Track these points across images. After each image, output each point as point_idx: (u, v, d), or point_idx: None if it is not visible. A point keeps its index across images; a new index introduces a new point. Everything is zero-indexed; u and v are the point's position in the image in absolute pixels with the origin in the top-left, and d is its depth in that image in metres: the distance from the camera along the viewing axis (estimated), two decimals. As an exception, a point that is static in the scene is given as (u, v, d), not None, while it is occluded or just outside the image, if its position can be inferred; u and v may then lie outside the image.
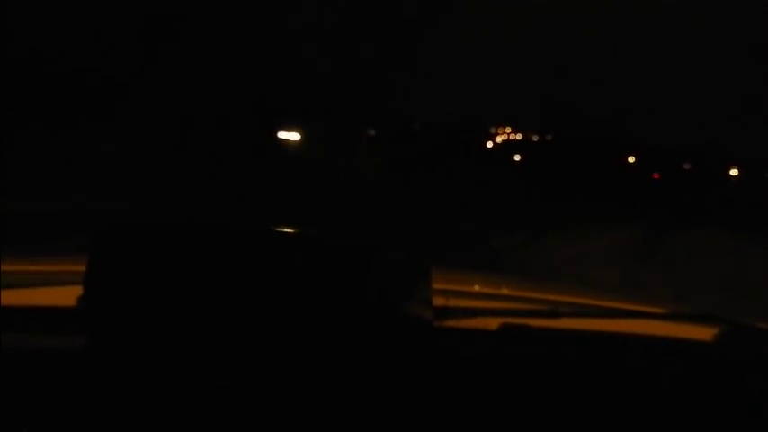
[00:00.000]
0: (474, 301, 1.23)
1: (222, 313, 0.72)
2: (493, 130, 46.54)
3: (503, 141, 47.06)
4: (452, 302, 1.04)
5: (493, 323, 1.03)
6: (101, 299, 0.74)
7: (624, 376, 1.00)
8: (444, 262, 0.87)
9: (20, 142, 12.31)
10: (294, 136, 23.98)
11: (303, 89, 23.81)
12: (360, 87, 28.42)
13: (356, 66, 28.98)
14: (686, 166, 44.74)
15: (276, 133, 23.38)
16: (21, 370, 0.84)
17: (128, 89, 17.53)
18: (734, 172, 42.11)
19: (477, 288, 1.46)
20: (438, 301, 0.94)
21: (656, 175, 39.71)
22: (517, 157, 39.56)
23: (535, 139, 48.66)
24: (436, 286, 0.85)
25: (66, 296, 1.02)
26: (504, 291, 1.49)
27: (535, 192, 18.66)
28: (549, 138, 48.24)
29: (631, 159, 44.61)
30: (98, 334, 0.75)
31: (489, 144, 44.81)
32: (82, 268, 0.76)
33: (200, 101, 19.02)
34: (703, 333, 1.17)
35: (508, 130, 47.83)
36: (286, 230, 0.75)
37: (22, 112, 13.91)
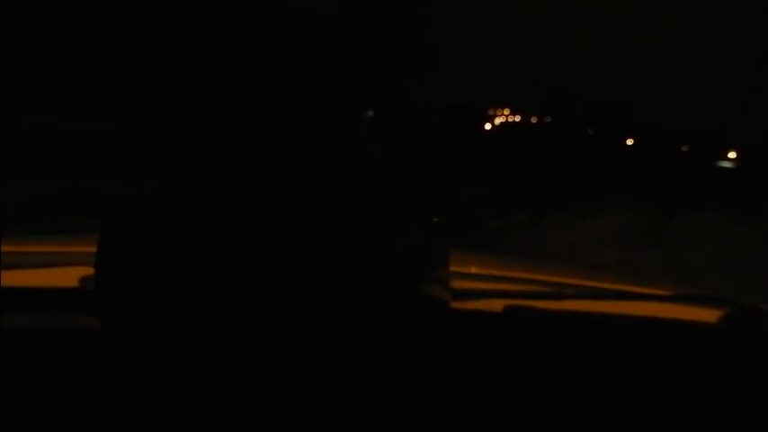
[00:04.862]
0: (478, 282, 1.22)
1: (239, 294, 0.70)
2: (491, 112, 46.39)
3: (501, 123, 46.95)
4: (457, 284, 1.03)
5: (498, 305, 1.03)
6: (114, 279, 0.72)
7: (630, 358, 1.00)
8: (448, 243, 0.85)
9: (19, 125, 12.28)
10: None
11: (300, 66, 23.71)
12: (358, 67, 28.34)
13: (355, 45, 28.88)
14: (684, 149, 44.80)
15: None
16: (21, 350, 0.83)
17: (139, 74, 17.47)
18: (732, 155, 42.14)
19: (481, 270, 1.45)
20: None
21: (629, 141, 40.34)
22: (516, 139, 39.54)
23: (534, 120, 48.56)
24: None
25: (66, 277, 1.01)
26: (509, 272, 1.48)
27: (534, 173, 18.65)
28: (547, 120, 48.16)
29: (630, 142, 44.66)
30: (111, 315, 0.72)
31: (488, 126, 44.70)
32: (80, 249, 0.74)
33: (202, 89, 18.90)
34: (708, 315, 1.17)
35: (506, 111, 47.70)
36: (306, 209, 0.72)
37: (22, 97, 13.88)
